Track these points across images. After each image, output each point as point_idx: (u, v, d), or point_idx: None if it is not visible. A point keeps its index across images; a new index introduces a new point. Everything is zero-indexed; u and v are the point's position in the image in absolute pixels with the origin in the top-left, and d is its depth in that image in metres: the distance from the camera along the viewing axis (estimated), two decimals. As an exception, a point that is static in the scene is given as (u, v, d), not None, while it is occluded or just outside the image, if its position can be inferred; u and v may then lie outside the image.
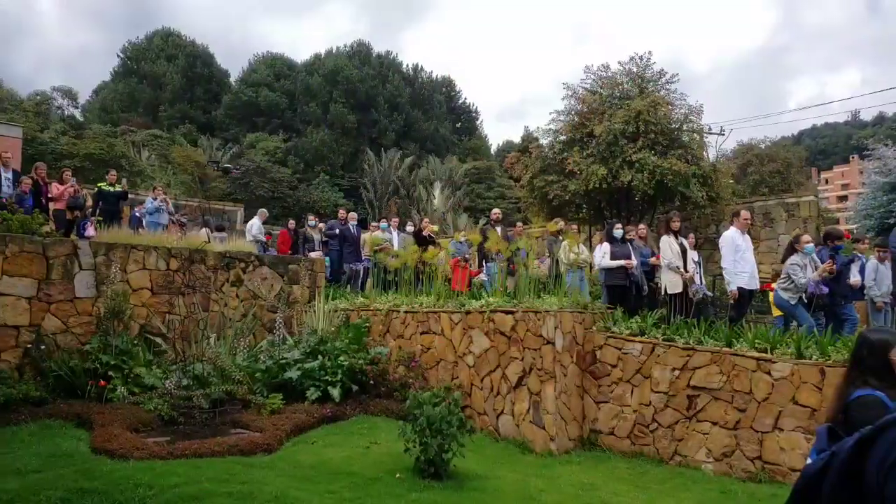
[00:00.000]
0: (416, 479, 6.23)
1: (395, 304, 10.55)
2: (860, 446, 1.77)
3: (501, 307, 8.99)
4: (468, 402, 9.01)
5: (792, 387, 6.99)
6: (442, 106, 60.13)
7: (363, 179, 43.34)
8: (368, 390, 9.04)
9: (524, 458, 7.85)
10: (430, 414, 6.22)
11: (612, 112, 15.03)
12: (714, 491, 6.66)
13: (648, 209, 15.80)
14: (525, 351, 8.53)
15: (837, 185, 73.86)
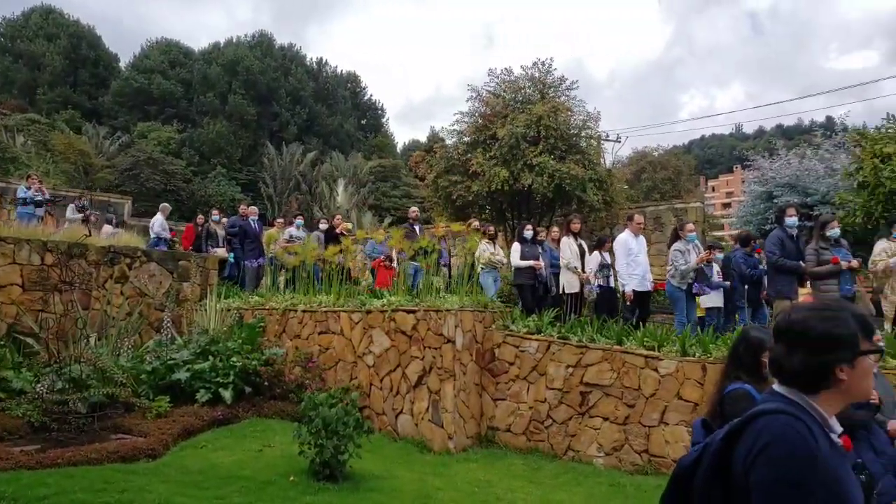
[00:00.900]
0: (310, 482, 6.08)
1: (293, 303, 10.26)
2: (729, 438, 1.84)
3: (403, 306, 8.94)
4: (367, 402, 8.89)
5: (677, 383, 7.35)
6: (347, 102, 59.32)
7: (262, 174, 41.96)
8: (263, 392, 8.74)
9: (422, 457, 7.83)
10: (327, 415, 6.08)
11: (514, 115, 15.33)
12: (604, 484, 6.89)
13: (548, 211, 16.23)
14: (426, 350, 8.52)
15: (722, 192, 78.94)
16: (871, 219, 10.23)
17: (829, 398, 1.83)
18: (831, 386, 1.81)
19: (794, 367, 1.84)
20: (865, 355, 1.82)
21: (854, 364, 1.80)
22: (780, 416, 1.77)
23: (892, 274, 7.39)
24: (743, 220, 17.61)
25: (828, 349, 1.80)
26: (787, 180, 15.86)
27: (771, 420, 1.77)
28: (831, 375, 1.80)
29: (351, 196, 37.28)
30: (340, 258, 10.55)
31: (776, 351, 1.91)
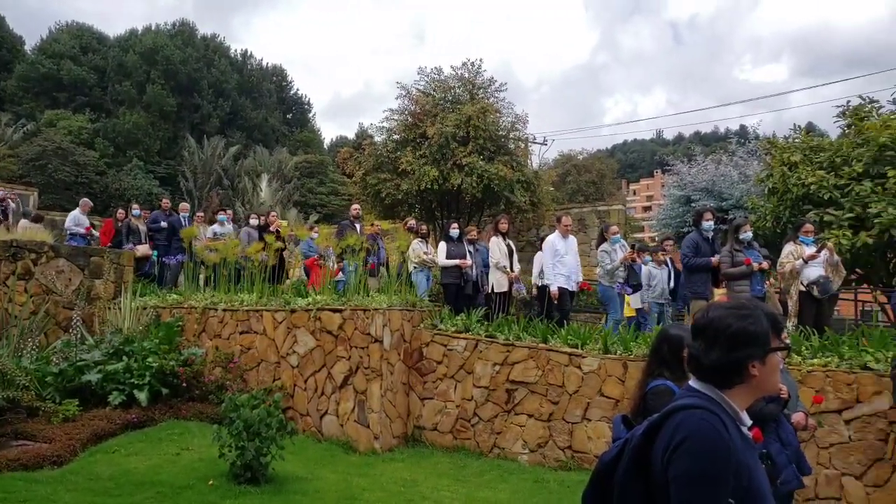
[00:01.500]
0: (231, 485, 5.89)
1: (213, 301, 9.91)
2: (648, 433, 1.89)
3: (329, 305, 8.79)
4: (290, 403, 8.70)
5: (599, 380, 7.53)
6: (272, 95, 57.93)
7: (182, 167, 40.37)
8: (181, 394, 8.41)
9: (348, 457, 7.72)
10: (248, 416, 5.90)
11: (444, 115, 15.36)
12: (528, 481, 6.99)
13: (476, 211, 16.35)
14: (352, 350, 8.40)
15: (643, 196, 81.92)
16: (779, 223, 10.81)
17: (741, 392, 1.90)
18: (744, 381, 1.88)
19: (710, 363, 1.89)
20: (775, 352, 1.90)
21: (765, 360, 1.88)
22: (697, 411, 1.82)
23: (798, 275, 7.82)
24: (663, 222, 18.30)
25: (742, 346, 1.87)
26: (704, 185, 16.58)
27: (688, 415, 1.82)
28: (744, 371, 1.87)
29: (275, 192, 36.41)
30: (264, 256, 10.25)
31: (694, 347, 1.96)
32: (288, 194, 37.44)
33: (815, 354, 6.80)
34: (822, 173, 10.26)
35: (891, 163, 9.64)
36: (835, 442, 6.41)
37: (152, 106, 45.51)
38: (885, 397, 6.17)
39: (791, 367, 6.44)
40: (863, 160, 10.01)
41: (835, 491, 6.36)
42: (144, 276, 12.17)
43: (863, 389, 6.36)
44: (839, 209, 9.79)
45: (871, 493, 6.22)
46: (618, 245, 8.97)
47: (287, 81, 62.12)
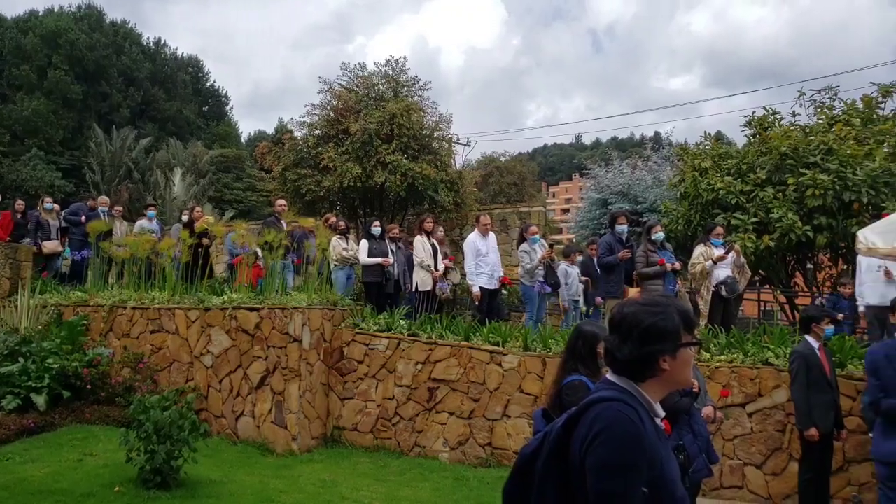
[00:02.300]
0: (139, 491, 5.62)
1: (121, 299, 9.42)
2: (567, 425, 1.95)
3: (245, 304, 8.53)
4: (204, 405, 8.38)
5: (519, 377, 7.65)
6: (187, 87, 55.73)
7: (88, 159, 38.14)
8: (84, 396, 7.96)
9: (264, 459, 7.52)
10: (159, 419, 5.63)
11: (367, 112, 15.20)
12: (449, 479, 7.01)
13: (400, 210, 16.28)
14: (269, 349, 8.19)
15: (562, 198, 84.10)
16: (690, 226, 11.29)
17: (654, 385, 1.97)
18: (656, 374, 1.95)
19: (624, 357, 1.96)
20: (686, 347, 1.98)
21: (676, 355, 1.95)
22: (613, 403, 1.89)
23: (708, 276, 8.20)
24: (580, 224, 18.79)
25: (654, 340, 1.94)
26: (620, 189, 17.14)
27: (605, 407, 1.88)
28: (656, 365, 1.94)
29: (189, 186, 35.06)
30: (177, 252, 9.83)
31: (610, 342, 2.03)
32: (203, 189, 36.11)
33: (722, 351, 7.15)
34: (729, 179, 10.78)
35: (790, 171, 10.24)
36: (738, 434, 6.76)
37: (54, 93, 42.88)
38: (783, 391, 6.55)
39: (700, 363, 6.74)
40: (766, 168, 10.59)
41: (738, 480, 6.70)
42: (55, 276, 11.33)
43: (764, 384, 6.74)
44: (745, 213, 10.32)
45: (769, 482, 6.60)
46: (537, 245, 9.13)
47: (203, 73, 59.99)
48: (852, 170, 9.77)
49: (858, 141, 10.46)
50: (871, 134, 10.78)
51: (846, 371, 6.49)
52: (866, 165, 9.78)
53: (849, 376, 6.45)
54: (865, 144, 10.32)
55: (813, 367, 5.71)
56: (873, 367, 4.85)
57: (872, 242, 5.82)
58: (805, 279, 11.54)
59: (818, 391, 5.69)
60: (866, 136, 10.71)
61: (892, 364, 4.73)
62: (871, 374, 4.88)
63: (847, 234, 9.67)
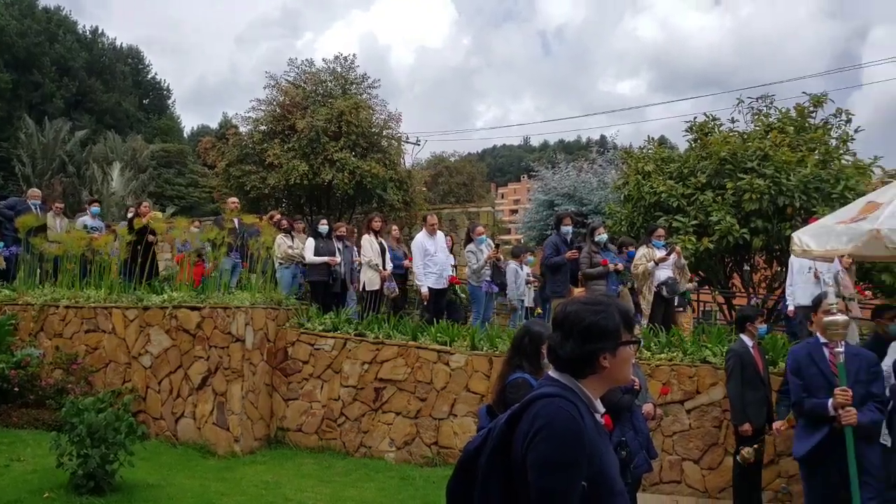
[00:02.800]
0: (71, 497, 5.40)
1: (53, 297, 9.03)
2: (511, 420, 1.98)
3: (186, 303, 8.30)
4: (142, 406, 8.12)
5: (466, 376, 7.68)
6: (126, 78, 53.90)
7: (18, 151, 36.40)
8: (12, 399, 7.62)
9: (205, 462, 7.33)
10: (93, 421, 5.42)
11: (315, 108, 15.03)
12: (395, 478, 6.98)
13: (348, 208, 16.15)
14: (211, 350, 8.00)
15: (511, 199, 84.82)
16: (633, 228, 11.57)
17: (594, 382, 2.03)
18: (596, 371, 2.00)
19: (566, 354, 2.01)
20: (626, 345, 2.04)
21: (616, 353, 2.01)
22: (554, 399, 1.93)
23: (650, 276, 8.41)
24: (528, 225, 19.04)
25: (594, 339, 1.99)
26: (566, 190, 17.43)
27: (546, 403, 1.92)
28: (597, 362, 1.99)
29: (128, 182, 33.90)
30: (115, 248, 9.48)
31: (553, 339, 2.07)
32: (142, 184, 34.96)
33: (662, 350, 7.34)
34: (671, 183, 11.08)
35: (729, 175, 10.60)
36: (677, 430, 6.95)
37: (-19, 80, 40.85)
38: (720, 388, 6.77)
39: (641, 361, 6.89)
40: (706, 172, 10.93)
41: (676, 475, 6.89)
42: None
43: (702, 381, 6.94)
44: (685, 216, 10.63)
45: (706, 476, 6.81)
46: (483, 245, 9.19)
47: (144, 64, 58.21)
48: (786, 175, 10.17)
49: (792, 148, 10.90)
50: (803, 141, 11.25)
51: (777, 368, 6.73)
52: (799, 171, 10.20)
53: (780, 373, 6.69)
54: (798, 151, 10.76)
55: (747, 365, 5.90)
56: (796, 367, 4.78)
57: (806, 244, 5.91)
58: (742, 280, 11.96)
59: (752, 388, 5.88)
60: (799, 144, 11.17)
61: (815, 363, 4.66)
62: (794, 373, 4.78)
63: (781, 237, 10.07)
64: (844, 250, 5.47)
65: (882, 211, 5.20)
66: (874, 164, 11.53)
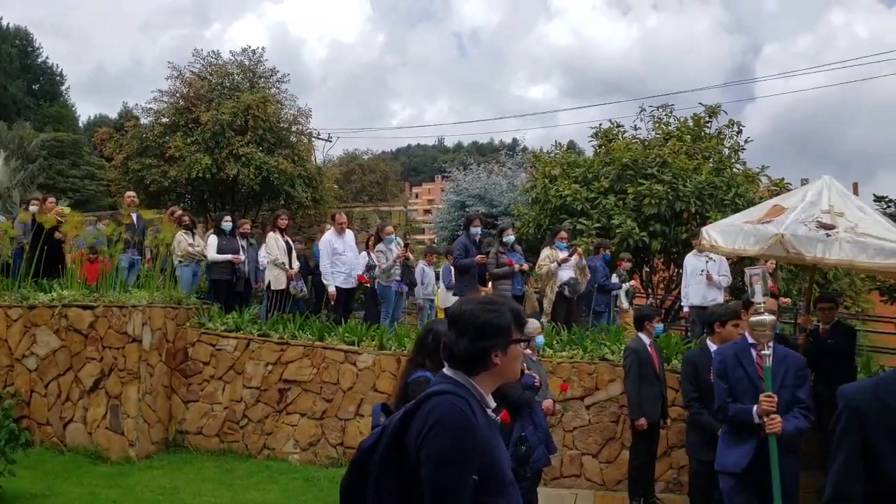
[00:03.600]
0: (-58, 512, 4.99)
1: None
2: (405, 417, 2.02)
3: (78, 301, 7.86)
4: (26, 411, 7.65)
5: (374, 375, 7.67)
6: (13, 61, 50.14)
7: None
8: None
9: (96, 468, 6.99)
10: (-32, 429, 5.04)
11: (220, 101, 14.54)
12: (299, 480, 6.90)
13: (254, 205, 15.72)
14: (105, 350, 7.63)
15: (425, 199, 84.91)
16: (540, 230, 11.87)
17: (486, 378, 2.10)
18: (488, 368, 2.08)
19: (459, 351, 2.06)
20: (516, 343, 2.12)
21: (507, 350, 2.09)
22: (447, 396, 1.99)
23: (553, 277, 8.67)
24: (440, 225, 19.17)
25: (487, 336, 2.06)
26: (477, 192, 17.68)
27: (440, 401, 1.98)
28: (488, 359, 2.06)
29: (14, 172, 31.56)
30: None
31: (448, 337, 2.13)
32: (31, 175, 32.64)
33: (563, 348, 7.59)
34: (576, 187, 11.46)
35: (630, 180, 11.07)
36: (577, 425, 7.21)
37: None
38: (618, 384, 7.07)
39: (544, 359, 7.10)
40: (609, 177, 11.38)
41: (576, 469, 7.14)
42: None
43: (601, 378, 7.23)
44: (589, 219, 11.01)
45: (604, 469, 7.10)
46: (393, 244, 9.19)
47: (34, 47, 54.39)
48: (683, 182, 10.73)
49: (689, 156, 11.52)
50: (699, 150, 11.92)
51: (671, 365, 7.10)
52: (694, 178, 10.79)
53: (674, 370, 7.06)
54: (694, 159, 11.39)
55: (644, 362, 6.18)
56: (722, 369, 4.37)
57: (714, 240, 5.94)
58: (641, 281, 12.52)
59: (648, 384, 6.18)
60: (695, 152, 11.83)
61: (741, 366, 4.25)
62: (720, 376, 4.38)
63: (678, 240, 10.63)
64: (750, 251, 5.59)
65: (787, 216, 5.44)
66: (762, 173, 12.41)
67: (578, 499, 6.76)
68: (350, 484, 2.14)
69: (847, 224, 5.30)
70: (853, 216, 5.49)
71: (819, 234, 5.18)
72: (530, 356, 5.46)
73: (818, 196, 5.57)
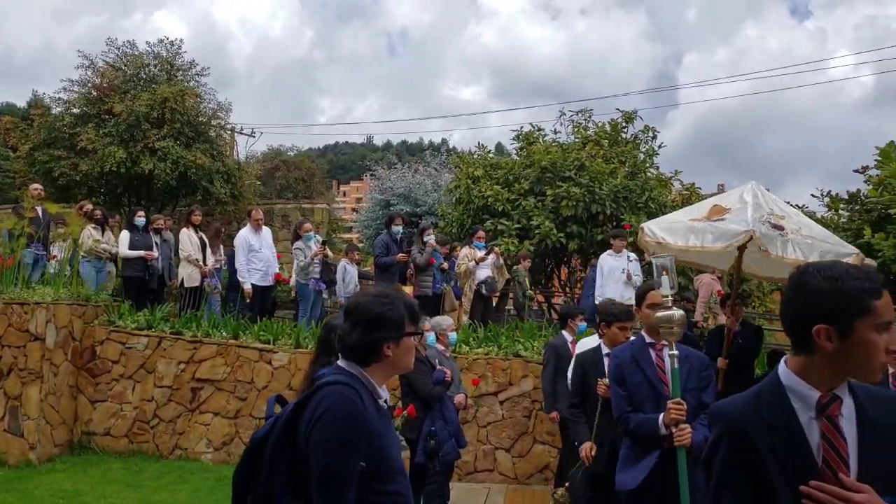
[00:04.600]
0: None
1: None
2: (297, 409, 2.09)
3: (-27, 298, 7.47)
4: (-87, 415, 7.19)
5: (289, 374, 7.63)
6: None
7: None
8: None
9: (-8, 473, 6.65)
10: None
11: (136, 93, 14.03)
12: (211, 479, 6.79)
13: (170, 200, 15.24)
14: (5, 349, 7.29)
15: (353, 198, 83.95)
16: (463, 229, 12.04)
17: (378, 370, 2.18)
18: (380, 359, 2.16)
19: (352, 343, 2.14)
20: (409, 336, 2.21)
21: (399, 343, 2.17)
22: (338, 386, 2.06)
23: (471, 275, 8.84)
24: (364, 224, 19.07)
25: (380, 328, 2.14)
26: (402, 191, 17.67)
27: (330, 390, 2.05)
28: (381, 351, 2.14)
29: None
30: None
31: (343, 329, 2.19)
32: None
33: (479, 344, 7.76)
34: (498, 188, 11.68)
35: (549, 183, 11.37)
36: (491, 421, 7.39)
37: None
38: (531, 380, 7.29)
39: (459, 355, 7.26)
40: (529, 179, 11.66)
41: (489, 463, 7.32)
42: None
43: (514, 373, 7.44)
44: (510, 220, 11.25)
45: (516, 463, 7.30)
46: (312, 242, 9.13)
47: (-66, 28, 50.79)
48: (599, 185, 11.11)
49: (606, 160, 11.95)
50: (615, 154, 12.38)
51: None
52: (610, 182, 11.19)
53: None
54: (611, 163, 11.81)
55: (562, 358, 6.26)
56: (619, 374, 3.77)
57: (662, 237, 5.73)
58: (559, 280, 12.89)
59: (564, 380, 6.32)
60: (612, 156, 12.27)
61: (640, 368, 3.70)
62: (617, 381, 3.77)
63: (594, 242, 11.01)
64: (712, 248, 5.46)
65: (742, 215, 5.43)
66: (674, 178, 13.00)
67: (491, 493, 6.91)
68: (243, 473, 2.18)
69: (792, 226, 5.55)
70: (793, 219, 5.77)
71: (774, 233, 5.37)
72: (443, 352, 5.58)
73: (755, 198, 5.73)
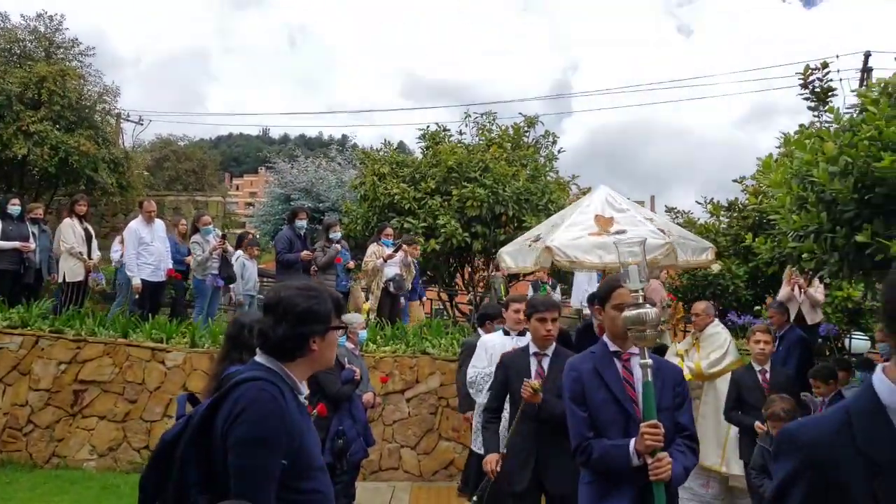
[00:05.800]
0: None
1: None
2: (212, 407, 2.01)
3: None
4: None
5: (184, 374, 7.21)
6: None
7: None
8: None
9: None
10: None
11: (8, 69, 12.86)
12: (95, 488, 6.33)
13: (48, 188, 14.09)
14: None
15: (247, 191, 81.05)
16: (368, 227, 11.86)
17: (301, 365, 2.11)
18: (305, 354, 2.09)
19: (276, 337, 2.05)
20: (334, 330, 2.16)
21: (325, 337, 2.12)
22: (257, 382, 1.99)
23: (379, 273, 8.71)
24: (262, 218, 18.42)
25: (307, 322, 2.07)
26: (304, 186, 17.21)
27: (248, 387, 1.98)
28: (307, 345, 2.07)
29: None
30: None
31: (265, 323, 2.10)
32: None
33: (387, 342, 7.65)
34: (404, 186, 11.60)
35: (455, 183, 11.42)
36: (397, 418, 7.30)
37: None
38: (437, 377, 7.27)
39: (366, 353, 7.12)
40: (435, 178, 11.66)
41: (395, 462, 7.23)
42: None
43: (421, 371, 7.39)
44: (416, 218, 11.20)
45: (422, 461, 7.25)
46: (210, 235, 8.69)
47: None
48: (503, 187, 11.28)
49: (508, 162, 12.16)
50: (517, 157, 12.62)
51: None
52: (513, 184, 11.39)
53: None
54: (514, 166, 12.03)
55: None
56: (578, 390, 3.00)
57: (574, 256, 6.20)
58: (463, 279, 12.98)
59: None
60: (514, 159, 12.51)
61: (604, 383, 2.96)
62: (575, 400, 3.00)
63: (497, 242, 11.15)
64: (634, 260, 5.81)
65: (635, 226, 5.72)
66: (572, 182, 13.44)
67: (396, 491, 6.83)
68: (150, 477, 2.06)
69: (668, 228, 5.79)
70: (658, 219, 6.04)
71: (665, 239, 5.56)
72: (352, 350, 5.43)
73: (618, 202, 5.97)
